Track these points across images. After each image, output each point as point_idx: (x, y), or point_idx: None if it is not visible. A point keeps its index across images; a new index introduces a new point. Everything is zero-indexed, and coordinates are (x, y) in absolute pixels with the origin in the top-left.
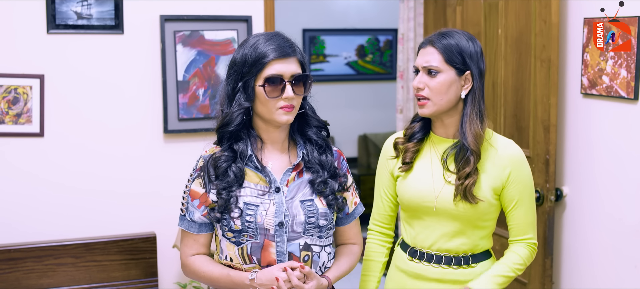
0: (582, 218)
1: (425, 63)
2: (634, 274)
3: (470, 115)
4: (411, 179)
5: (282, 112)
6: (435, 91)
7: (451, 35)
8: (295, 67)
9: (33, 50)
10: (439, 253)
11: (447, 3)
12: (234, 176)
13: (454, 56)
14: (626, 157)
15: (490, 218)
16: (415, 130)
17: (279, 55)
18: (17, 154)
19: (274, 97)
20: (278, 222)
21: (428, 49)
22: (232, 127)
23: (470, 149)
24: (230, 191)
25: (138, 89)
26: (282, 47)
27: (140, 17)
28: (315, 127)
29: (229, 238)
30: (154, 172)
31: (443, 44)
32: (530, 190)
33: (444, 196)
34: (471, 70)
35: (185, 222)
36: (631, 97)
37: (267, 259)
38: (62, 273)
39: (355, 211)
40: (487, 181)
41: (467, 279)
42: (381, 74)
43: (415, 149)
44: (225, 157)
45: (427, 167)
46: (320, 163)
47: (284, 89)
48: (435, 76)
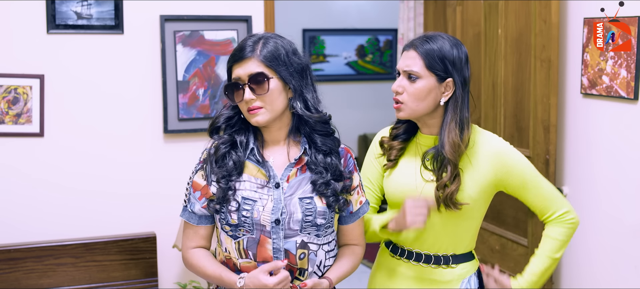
0: (582, 217)
1: (406, 67)
2: (634, 274)
3: (450, 123)
4: (395, 175)
5: (250, 115)
6: (413, 96)
7: (435, 40)
8: (254, 67)
9: (33, 50)
10: (419, 250)
11: (447, 3)
12: (233, 164)
13: (436, 63)
14: (626, 157)
15: (474, 217)
16: (400, 131)
17: (236, 60)
18: (17, 154)
19: (237, 102)
20: (274, 219)
21: (410, 52)
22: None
23: (447, 158)
24: (229, 180)
25: (138, 89)
26: (240, 49)
27: (140, 17)
28: (319, 130)
29: (227, 231)
30: (154, 172)
31: (425, 49)
32: (531, 169)
33: (427, 193)
34: (453, 78)
35: (187, 213)
36: (631, 97)
37: (263, 255)
38: (62, 273)
39: (360, 210)
40: (472, 180)
41: (445, 278)
42: (381, 74)
43: (400, 147)
44: (225, 142)
45: (412, 165)
46: (325, 165)
47: (244, 92)
48: (415, 82)
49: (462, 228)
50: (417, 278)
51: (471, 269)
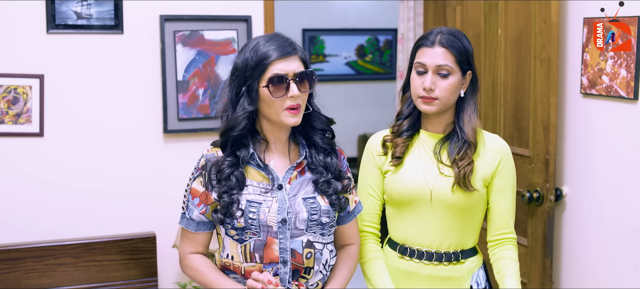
0: (582, 217)
1: (438, 63)
2: (634, 274)
3: (469, 111)
4: (403, 173)
5: (289, 114)
6: (447, 91)
7: (459, 37)
8: (298, 65)
9: (33, 50)
10: (430, 249)
11: (447, 3)
12: (236, 181)
13: (464, 58)
14: (626, 157)
15: (480, 211)
16: (404, 127)
17: (281, 55)
18: (17, 154)
19: (279, 97)
20: (281, 219)
21: (437, 49)
22: (236, 132)
23: (469, 142)
24: (232, 195)
25: (138, 89)
26: (283, 46)
27: (140, 17)
28: (320, 130)
29: (232, 235)
30: (154, 172)
31: (455, 46)
32: (515, 184)
33: (440, 186)
34: (472, 70)
35: (185, 220)
36: (631, 97)
37: (270, 257)
38: (62, 273)
39: (356, 209)
40: (481, 170)
41: (456, 275)
42: (381, 74)
43: (405, 144)
44: (229, 163)
45: (418, 161)
46: (325, 165)
47: (289, 87)
48: (447, 77)
49: (469, 223)
50: (432, 277)
51: (478, 263)
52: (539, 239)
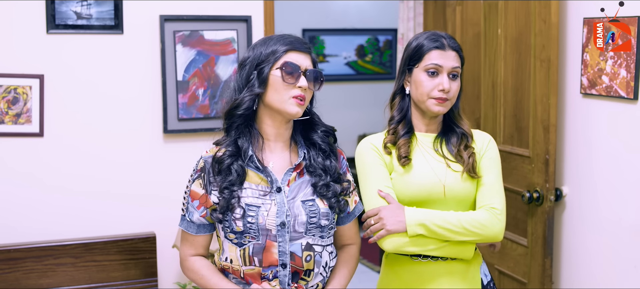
0: (582, 217)
1: (454, 65)
2: (633, 275)
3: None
4: (413, 174)
5: (294, 102)
6: (456, 92)
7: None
8: (310, 63)
9: (32, 50)
10: None
11: (446, 3)
12: (236, 174)
13: (463, 60)
14: (626, 157)
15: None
16: (401, 131)
17: (296, 48)
18: (17, 154)
19: (289, 83)
20: (280, 222)
21: (450, 52)
22: (241, 111)
23: (467, 133)
24: (232, 190)
25: (138, 89)
26: (298, 41)
27: (140, 17)
28: (321, 131)
29: (231, 239)
30: (154, 173)
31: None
32: (499, 167)
33: (451, 180)
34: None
35: (185, 222)
36: (631, 97)
37: (269, 260)
38: (61, 273)
39: (356, 210)
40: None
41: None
42: (381, 74)
43: (407, 145)
44: (229, 153)
45: (423, 160)
46: (323, 168)
47: (299, 77)
48: (456, 79)
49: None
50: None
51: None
52: (539, 239)
